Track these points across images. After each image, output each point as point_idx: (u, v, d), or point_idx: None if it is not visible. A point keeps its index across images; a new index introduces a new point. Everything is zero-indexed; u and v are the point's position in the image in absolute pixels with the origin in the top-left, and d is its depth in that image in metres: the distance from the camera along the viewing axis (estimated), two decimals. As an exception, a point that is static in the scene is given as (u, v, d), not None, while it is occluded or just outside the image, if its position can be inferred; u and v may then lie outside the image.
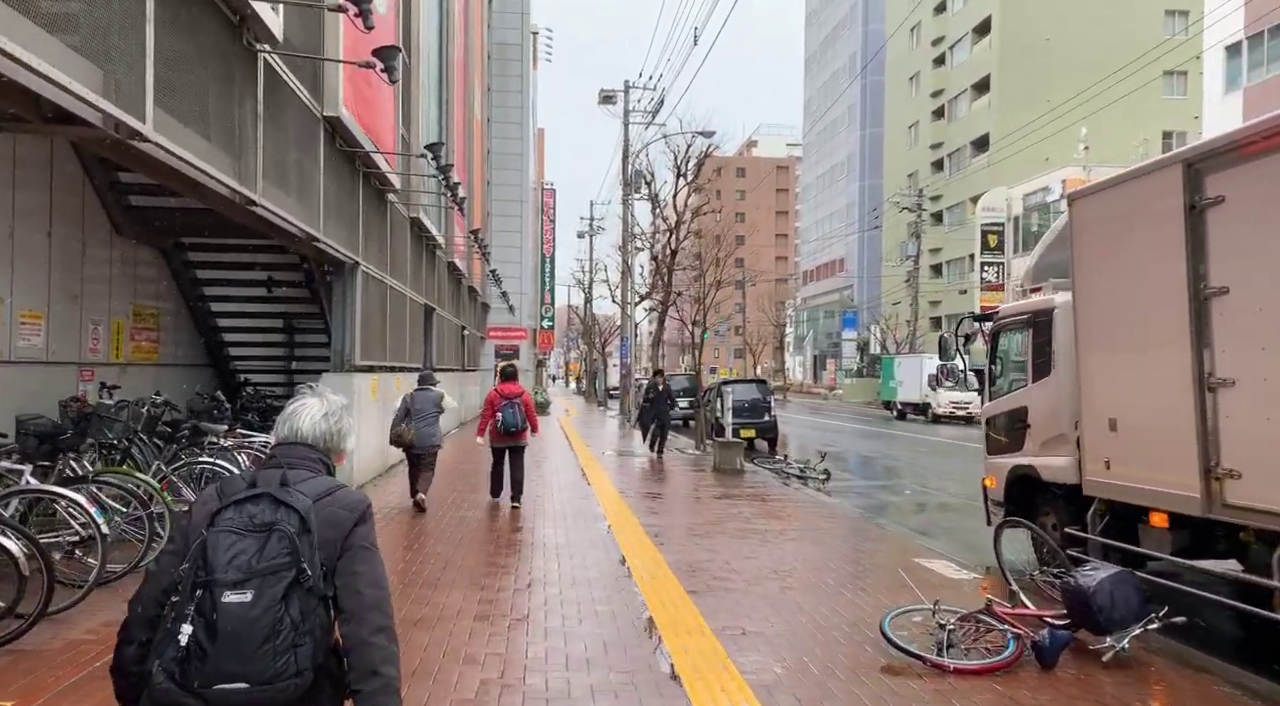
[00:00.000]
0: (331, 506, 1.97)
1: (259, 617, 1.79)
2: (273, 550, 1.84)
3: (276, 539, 1.86)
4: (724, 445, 14.53)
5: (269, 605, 1.80)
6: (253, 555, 1.83)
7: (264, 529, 1.87)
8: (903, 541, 8.62)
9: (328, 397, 2.23)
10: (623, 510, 10.02)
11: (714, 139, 27.96)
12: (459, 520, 9.14)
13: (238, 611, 1.79)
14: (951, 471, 16.63)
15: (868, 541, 8.62)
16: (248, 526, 1.87)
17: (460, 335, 25.34)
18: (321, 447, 2.14)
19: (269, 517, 1.88)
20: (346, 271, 10.97)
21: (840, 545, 8.27)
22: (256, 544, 1.85)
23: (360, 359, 11.16)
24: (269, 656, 1.79)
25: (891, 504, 12.70)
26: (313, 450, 2.11)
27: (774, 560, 7.42)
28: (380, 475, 12.56)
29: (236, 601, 1.79)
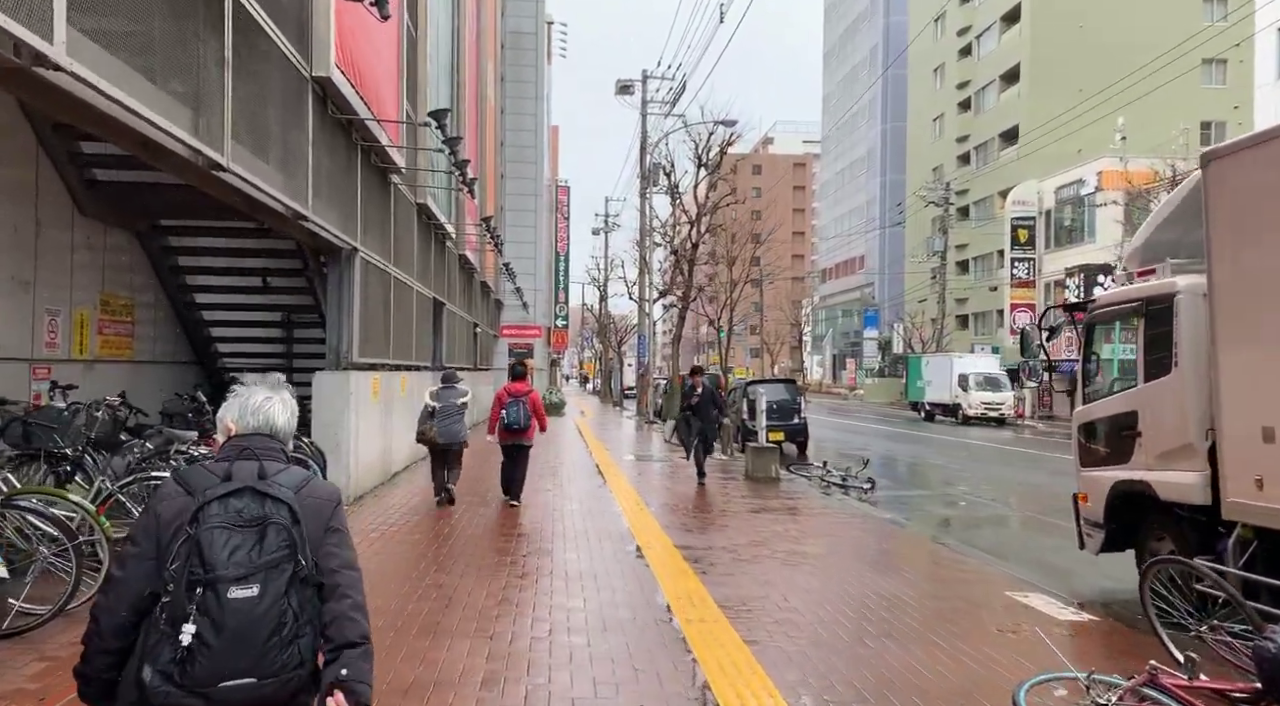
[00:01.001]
0: (310, 497, 1.98)
1: (266, 612, 1.79)
2: (273, 543, 1.85)
3: (275, 532, 1.86)
4: (757, 451, 13.31)
5: (275, 598, 1.81)
6: (251, 549, 1.83)
7: (256, 522, 1.86)
8: (982, 569, 7.38)
9: (285, 395, 2.16)
10: (650, 526, 8.83)
11: (736, 127, 26.69)
12: (468, 540, 7.97)
13: (245, 606, 1.78)
14: (1003, 479, 15.34)
15: (941, 567, 7.39)
16: (238, 521, 1.85)
17: (472, 332, 24.21)
18: (281, 438, 2.11)
19: (258, 511, 1.88)
20: (343, 259, 9.82)
21: (912, 574, 7.04)
22: (253, 538, 1.85)
23: (359, 356, 10.02)
24: (275, 649, 1.80)
25: (947, 518, 11.44)
26: (274, 440, 2.08)
27: (839, 594, 6.21)
28: (382, 484, 11.42)
29: (243, 596, 1.78)
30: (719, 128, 26.87)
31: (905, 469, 17.56)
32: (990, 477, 15.62)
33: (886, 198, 65.70)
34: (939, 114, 54.54)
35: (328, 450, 9.44)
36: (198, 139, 5.60)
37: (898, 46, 64.92)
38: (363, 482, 10.45)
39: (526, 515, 9.44)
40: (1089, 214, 37.25)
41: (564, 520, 9.13)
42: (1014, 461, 18.67)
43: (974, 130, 50.17)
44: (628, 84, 34.37)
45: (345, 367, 9.86)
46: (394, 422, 12.25)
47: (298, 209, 7.74)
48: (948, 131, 53.17)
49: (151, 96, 4.90)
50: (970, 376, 33.81)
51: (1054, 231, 39.95)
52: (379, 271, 11.10)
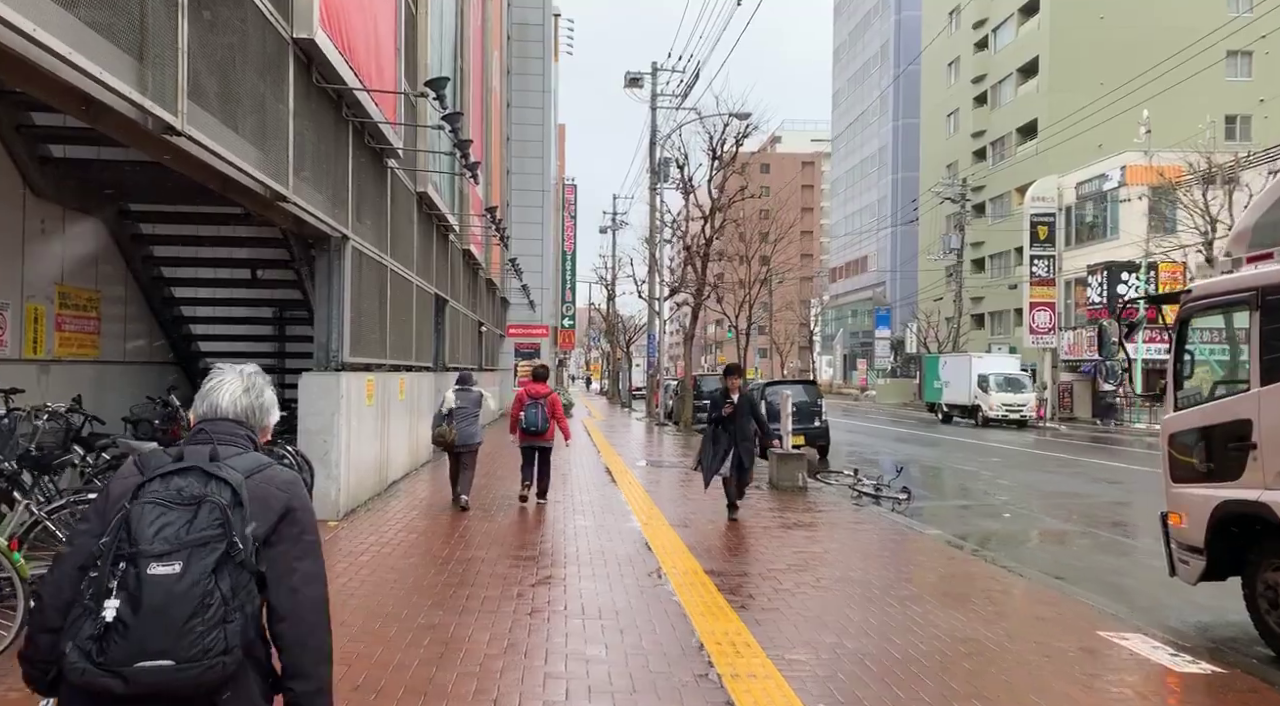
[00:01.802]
0: (263, 483, 1.87)
1: (187, 590, 1.68)
2: (203, 521, 1.75)
3: (207, 510, 1.76)
4: (782, 458, 12.34)
5: (198, 577, 1.69)
6: (181, 526, 1.74)
7: (193, 501, 1.77)
8: (1059, 600, 6.41)
9: (245, 372, 2.07)
10: (673, 546, 7.88)
11: (750, 120, 25.67)
12: (470, 564, 7.03)
13: (164, 583, 1.68)
14: (1042, 487, 14.34)
15: (1013, 598, 6.43)
16: (175, 499, 1.77)
17: (477, 331, 23.30)
18: (246, 423, 2.01)
19: (199, 490, 1.79)
20: (333, 247, 8.90)
21: (982, 607, 6.07)
22: (187, 516, 1.75)
23: (350, 355, 9.09)
24: (196, 632, 1.67)
25: (994, 533, 10.46)
26: (238, 426, 1.99)
27: (907, 635, 5.25)
28: (378, 495, 10.49)
29: (163, 573, 1.69)
30: (734, 120, 25.85)
31: (934, 475, 16.58)
32: (1028, 485, 14.62)
33: (898, 196, 64.66)
34: (954, 109, 53.46)
35: (315, 459, 8.53)
36: (146, 96, 4.69)
37: (909, 42, 63.89)
38: (356, 495, 9.52)
39: (537, 532, 8.50)
40: (1112, 210, 36.15)
41: (578, 538, 8.19)
42: (1049, 467, 17.67)
43: (990, 125, 49.08)
44: (637, 76, 33.43)
45: (335, 368, 8.94)
46: (391, 428, 11.33)
47: (277, 188, 6.82)
48: (963, 127, 52.09)
49: (70, 33, 3.97)
50: (990, 377, 32.77)
51: (1074, 228, 38.85)
52: (374, 263, 10.18)
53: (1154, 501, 7.17)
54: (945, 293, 48.33)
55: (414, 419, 13.11)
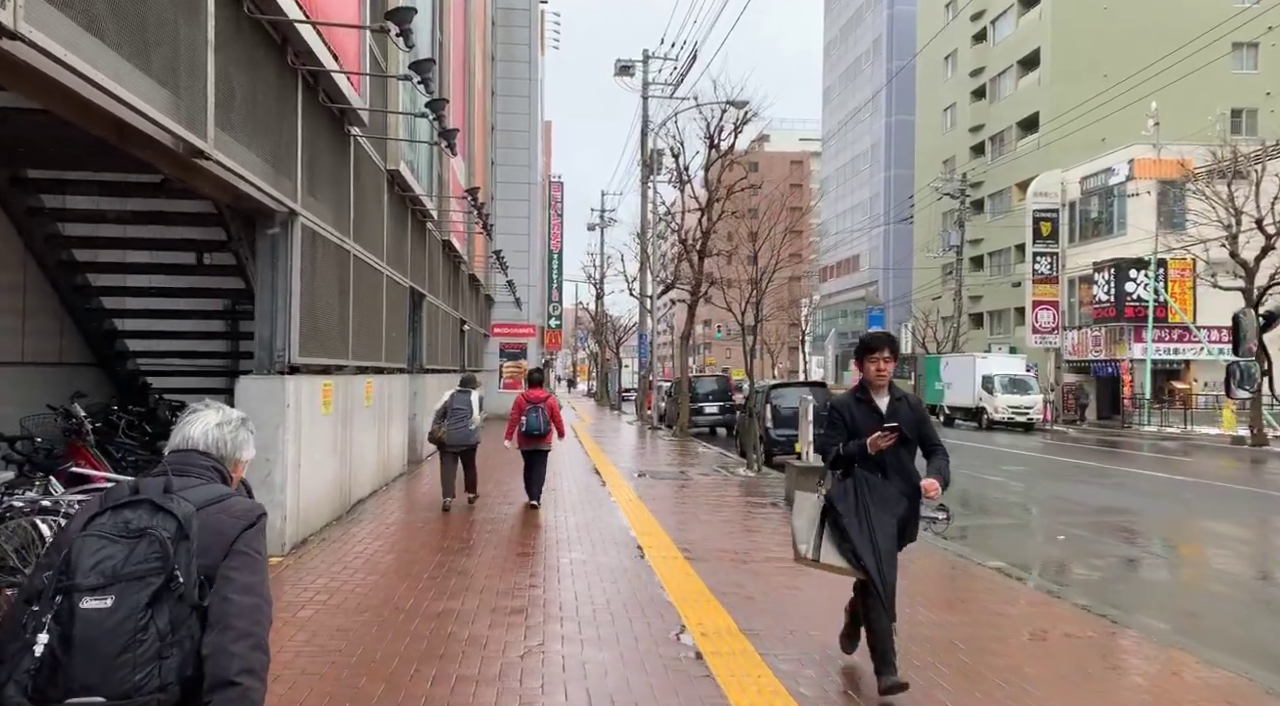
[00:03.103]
0: (218, 514, 1.84)
1: (118, 626, 1.66)
2: (140, 554, 1.72)
3: (146, 543, 1.73)
4: (804, 472, 10.87)
5: (130, 612, 1.67)
6: (120, 560, 1.71)
7: (137, 534, 1.74)
8: (1204, 672, 4.97)
9: (225, 408, 2.09)
10: (695, 591, 6.41)
11: (750, 106, 24.19)
12: (441, 623, 5.53)
13: (95, 618, 1.66)
14: (1083, 500, 12.92)
15: (1147, 666, 4.98)
16: (121, 532, 1.74)
17: (459, 330, 21.75)
18: (216, 456, 2.00)
19: (146, 523, 1.75)
20: (277, 224, 7.37)
21: (1124, 688, 4.63)
22: (127, 549, 1.72)
23: (301, 355, 7.56)
24: (127, 667, 1.65)
25: (1057, 560, 9.04)
26: (206, 458, 1.98)
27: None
28: (338, 520, 8.95)
29: (94, 607, 1.66)
30: (730, 107, 24.38)
31: (959, 487, 15.15)
32: (1068, 499, 13.23)
33: (891, 193, 63.47)
34: (950, 103, 52.28)
35: (255, 483, 6.83)
36: None
37: (903, 36, 62.70)
38: (308, 522, 7.99)
39: (524, 569, 7.00)
40: (1119, 205, 34.98)
41: (574, 579, 6.69)
42: (1081, 476, 16.31)
43: (989, 119, 47.89)
44: (628, 64, 31.95)
45: (282, 371, 7.41)
46: (356, 439, 9.80)
47: (191, 140, 5.29)
48: (960, 122, 50.89)
49: None
50: (995, 378, 31.50)
51: (1078, 224, 37.67)
52: (332, 247, 8.64)
53: (1231, 522, 5.74)
54: (943, 291, 47.16)
55: (384, 427, 11.59)
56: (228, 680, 1.71)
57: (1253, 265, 22.67)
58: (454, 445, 9.71)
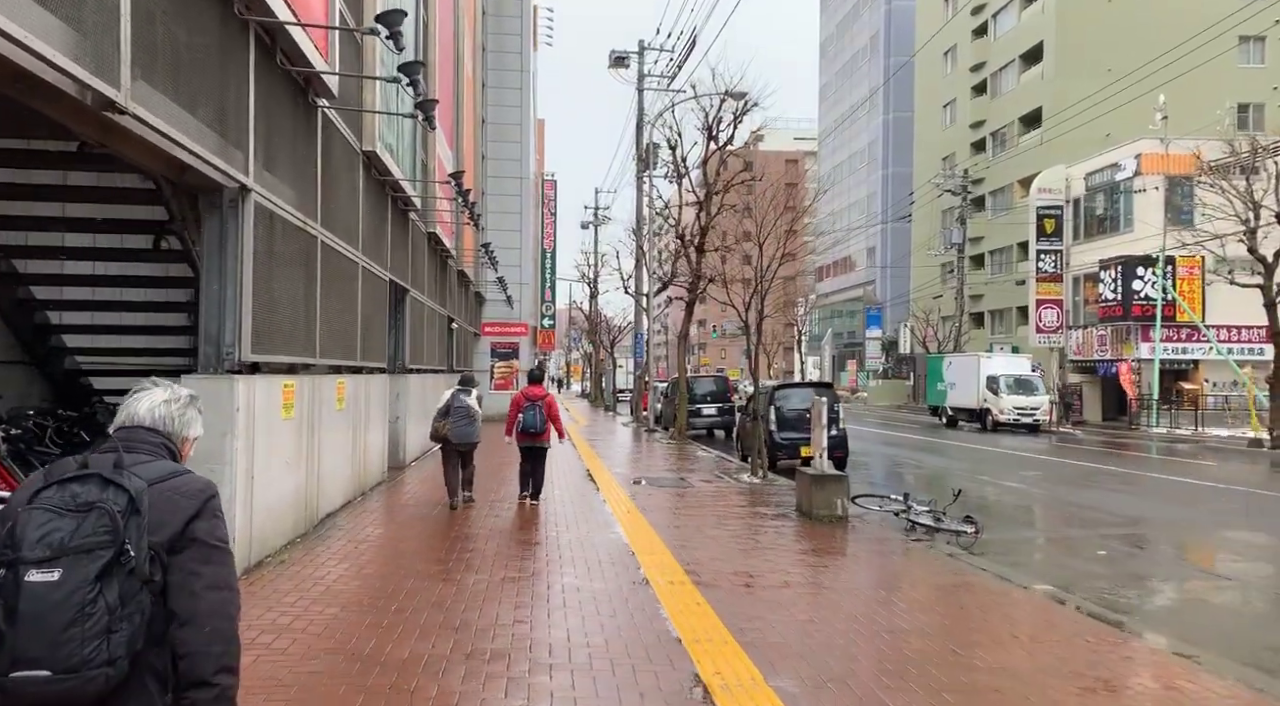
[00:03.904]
0: (169, 491, 1.81)
1: (64, 599, 1.63)
2: (89, 528, 1.68)
3: (96, 517, 1.69)
4: (817, 481, 9.95)
5: (78, 585, 1.64)
6: (67, 533, 1.67)
7: (85, 508, 1.70)
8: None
9: (173, 386, 2.03)
10: (709, 628, 5.48)
11: (749, 97, 23.27)
12: (413, 668, 4.59)
13: (41, 591, 1.63)
14: (1113, 509, 11.99)
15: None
16: (68, 505, 1.71)
17: (447, 328, 20.79)
18: (164, 432, 1.96)
19: (95, 497, 1.71)
20: (225, 201, 6.42)
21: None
22: (74, 523, 1.69)
23: (254, 352, 6.61)
24: (75, 642, 1.62)
25: (1104, 580, 8.11)
26: (154, 434, 1.94)
27: None
28: (301, 538, 7.99)
29: (41, 580, 1.64)
30: (729, 98, 23.46)
31: (978, 494, 14.25)
32: (1097, 508, 12.33)
33: (889, 192, 62.66)
34: (950, 99, 51.41)
35: None
36: None
37: (901, 32, 61.90)
38: (265, 541, 7.03)
39: (511, 600, 6.05)
40: (1125, 201, 34.15)
41: (566, 613, 5.75)
42: (1104, 483, 15.41)
43: (990, 115, 47.04)
44: (623, 55, 31.03)
45: (230, 369, 6.45)
46: (325, 446, 8.84)
47: (99, 88, 4.34)
48: (960, 118, 50.03)
49: None
50: (1000, 378, 30.61)
51: (1083, 221, 36.84)
52: (294, 230, 7.68)
53: None
54: (944, 290, 46.37)
55: (360, 431, 10.63)
56: (204, 680, 1.74)
57: (1271, 261, 21.85)
58: (457, 442, 9.81)
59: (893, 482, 15.39)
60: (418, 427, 15.43)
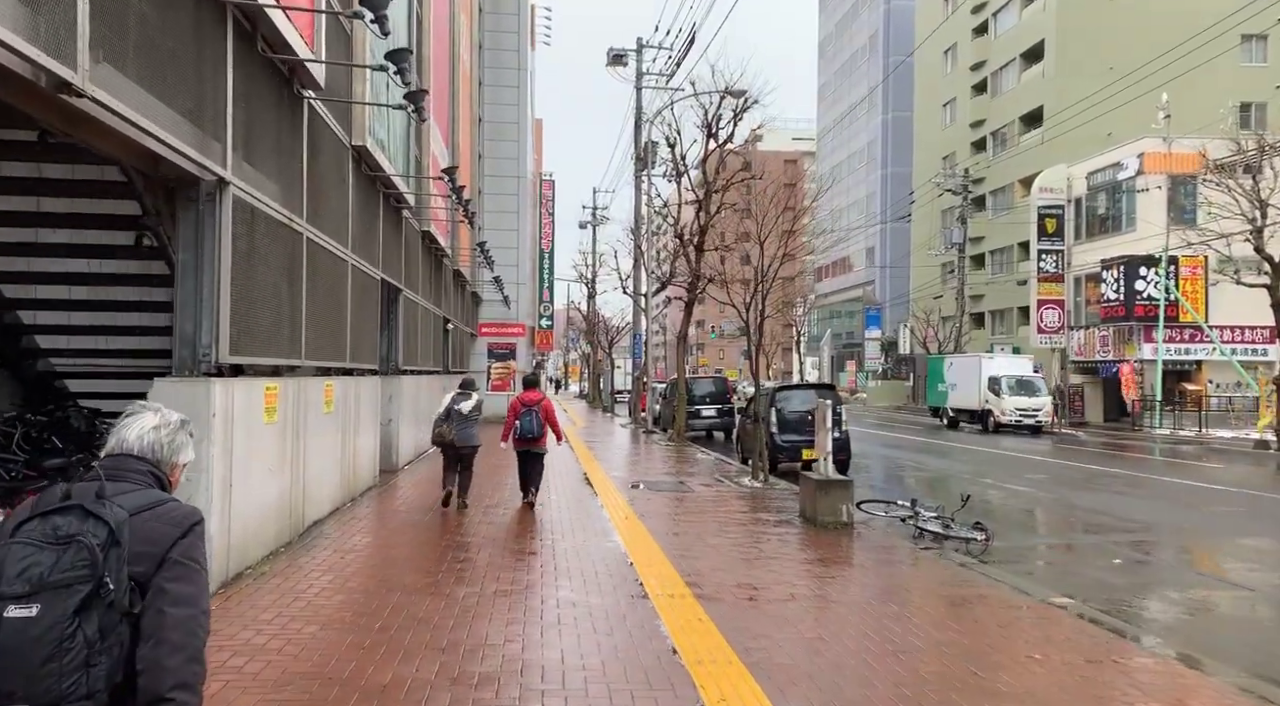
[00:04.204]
0: (152, 520, 1.79)
1: (42, 634, 1.63)
2: (67, 562, 1.67)
3: (75, 550, 1.68)
4: (822, 486, 9.63)
5: (56, 621, 1.63)
6: (47, 568, 1.66)
7: (65, 541, 1.69)
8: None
9: (164, 411, 2.03)
10: (711, 645, 5.16)
11: (747, 96, 22.95)
12: (394, 694, 4.27)
13: (19, 627, 1.63)
14: (1129, 514, 11.67)
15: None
16: (49, 538, 1.69)
17: (442, 329, 20.46)
18: (151, 460, 1.95)
19: (75, 529, 1.70)
20: (201, 195, 6.09)
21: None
22: (53, 556, 1.67)
23: (232, 353, 6.28)
24: (53, 676, 1.62)
25: (1125, 591, 7.79)
26: (143, 462, 1.93)
27: None
28: (285, 548, 7.67)
29: (19, 616, 1.63)
30: (728, 96, 23.15)
31: (980, 499, 13.94)
32: (1108, 512, 12.02)
33: (888, 192, 62.38)
34: (950, 98, 51.14)
35: None
36: None
37: (900, 31, 61.63)
38: (243, 552, 6.70)
39: (503, 617, 5.72)
40: (1128, 200, 33.88)
41: (561, 633, 5.42)
42: (1111, 486, 15.10)
43: (991, 114, 46.76)
44: (621, 53, 30.73)
45: (207, 372, 6.13)
46: (311, 451, 8.51)
47: (55, 69, 4.02)
48: (960, 117, 49.75)
49: None
50: (1002, 379, 30.30)
51: (1085, 221, 36.57)
52: (278, 226, 7.36)
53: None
54: (944, 290, 46.09)
55: (350, 435, 10.30)
56: (161, 696, 1.72)
57: (1279, 261, 21.56)
58: (459, 446, 9.83)
59: (895, 486, 15.10)
60: (411, 430, 15.10)
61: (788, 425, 16.12)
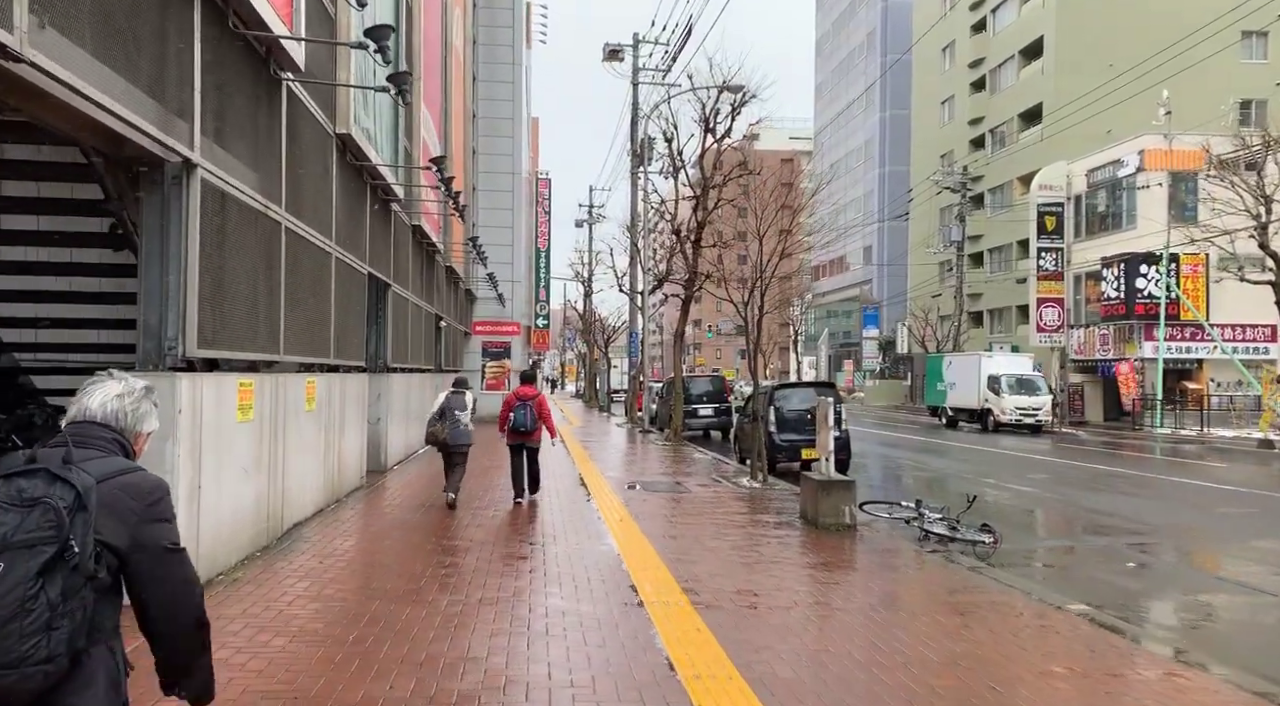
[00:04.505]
0: (117, 489, 1.80)
1: (4, 594, 1.61)
2: (32, 523, 1.67)
3: (41, 512, 1.68)
4: (824, 486, 9.28)
5: (19, 581, 1.63)
6: (11, 528, 1.66)
7: (30, 503, 1.69)
8: None
9: (128, 378, 2.02)
10: (710, 656, 4.81)
11: (745, 92, 22.60)
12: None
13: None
14: (1131, 514, 11.33)
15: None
16: (14, 500, 1.70)
17: (435, 326, 20.08)
18: (116, 427, 1.94)
19: (40, 492, 1.71)
20: (167, 178, 5.73)
21: None
22: (18, 517, 1.68)
23: (200, 346, 5.91)
24: (13, 637, 1.61)
25: (1141, 597, 7.45)
26: (107, 430, 1.92)
27: None
28: (259, 553, 7.30)
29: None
30: (726, 91, 22.79)
31: (984, 500, 13.61)
32: (1116, 514, 11.69)
33: (885, 190, 62.07)
34: (948, 96, 50.80)
35: None
36: None
37: (897, 29, 61.30)
38: (214, 558, 6.33)
39: (487, 628, 5.36)
40: (1129, 198, 33.57)
41: (549, 642, 5.07)
42: (1117, 486, 14.78)
43: (989, 111, 46.44)
44: (617, 48, 30.34)
45: (173, 366, 5.76)
46: (291, 450, 8.15)
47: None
48: (958, 114, 49.43)
49: None
50: (1002, 378, 29.98)
51: (1084, 218, 36.27)
52: (254, 215, 6.98)
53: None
54: (942, 289, 45.81)
55: (335, 434, 9.94)
56: (187, 666, 1.90)
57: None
58: (453, 445, 9.85)
59: (895, 486, 14.77)
60: (401, 430, 14.73)
61: (786, 424, 15.78)
